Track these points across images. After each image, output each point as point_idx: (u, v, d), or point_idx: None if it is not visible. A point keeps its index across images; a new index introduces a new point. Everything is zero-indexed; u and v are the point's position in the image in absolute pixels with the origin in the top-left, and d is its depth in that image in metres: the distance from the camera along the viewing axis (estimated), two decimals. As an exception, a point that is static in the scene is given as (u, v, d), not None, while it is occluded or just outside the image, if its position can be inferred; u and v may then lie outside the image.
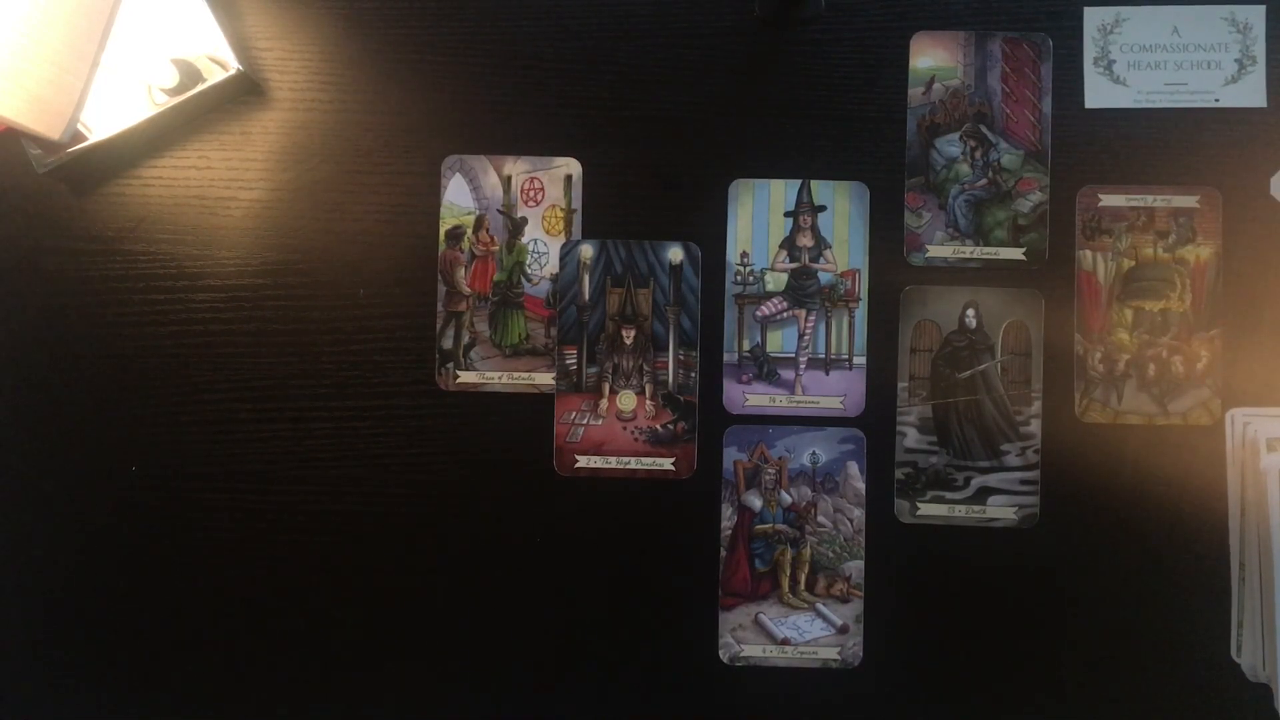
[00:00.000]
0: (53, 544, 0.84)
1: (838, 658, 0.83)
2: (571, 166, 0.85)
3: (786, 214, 0.84)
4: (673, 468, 0.84)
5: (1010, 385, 0.83)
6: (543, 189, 0.85)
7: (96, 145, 0.81)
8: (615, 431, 0.84)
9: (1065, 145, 0.84)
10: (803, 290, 0.84)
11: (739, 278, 0.84)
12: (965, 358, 0.83)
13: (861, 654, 0.83)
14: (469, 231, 0.85)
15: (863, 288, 0.84)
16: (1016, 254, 0.84)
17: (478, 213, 0.85)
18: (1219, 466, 0.82)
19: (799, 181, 0.84)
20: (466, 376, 0.84)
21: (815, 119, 0.84)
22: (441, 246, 0.85)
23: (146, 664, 0.84)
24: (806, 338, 0.84)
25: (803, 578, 0.83)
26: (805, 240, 0.84)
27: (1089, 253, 0.83)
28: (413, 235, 0.85)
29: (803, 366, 0.84)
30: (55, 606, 0.84)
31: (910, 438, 0.83)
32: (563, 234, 0.85)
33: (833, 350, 0.84)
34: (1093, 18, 0.84)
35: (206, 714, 0.84)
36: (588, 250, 0.85)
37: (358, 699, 0.84)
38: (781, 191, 0.84)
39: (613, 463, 0.84)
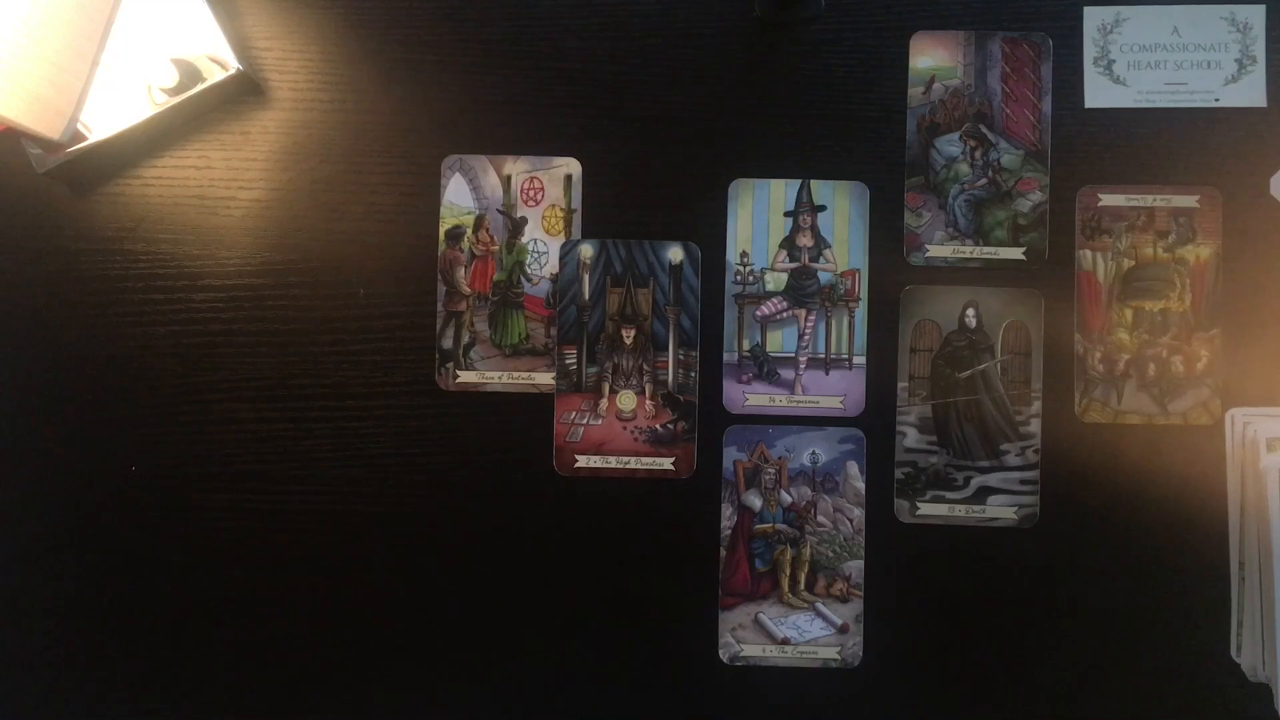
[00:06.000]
0: (52, 544, 0.84)
1: (838, 658, 0.83)
2: (571, 166, 0.85)
3: (786, 214, 0.84)
4: (673, 467, 0.84)
5: (1010, 385, 0.83)
6: (543, 189, 0.85)
7: (96, 145, 0.81)
8: (615, 431, 0.84)
9: (1065, 145, 0.84)
10: (803, 290, 0.84)
11: (739, 278, 0.84)
12: (965, 357, 0.83)
13: (861, 654, 0.83)
14: (469, 231, 0.85)
15: (863, 288, 0.84)
16: (1016, 254, 0.84)
17: (478, 213, 0.85)
18: (1219, 466, 0.82)
19: (799, 181, 0.84)
20: (466, 376, 0.84)
21: (815, 119, 0.84)
22: (441, 246, 0.85)
23: (146, 664, 0.84)
24: (806, 338, 0.84)
25: (803, 577, 0.83)
26: (805, 240, 0.84)
27: (1089, 252, 0.83)
28: (413, 235, 0.85)
29: (803, 366, 0.84)
30: (55, 606, 0.84)
31: (910, 437, 0.83)
32: (563, 234, 0.85)
33: (833, 350, 0.84)
34: (1093, 17, 0.84)
35: (206, 714, 0.84)
36: (588, 250, 0.85)
37: (358, 699, 0.84)
38: (781, 191, 0.84)
39: (613, 463, 0.84)
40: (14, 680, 0.84)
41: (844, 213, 0.84)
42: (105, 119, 0.81)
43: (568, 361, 0.84)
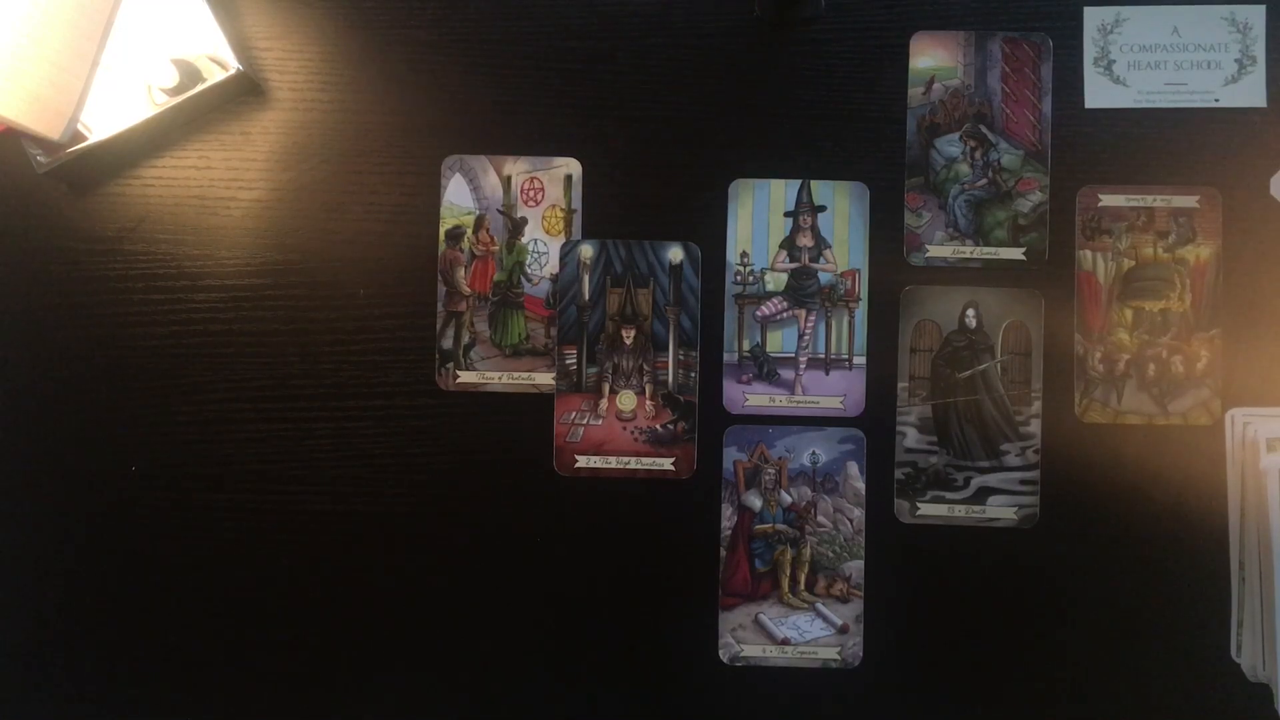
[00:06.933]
0: (53, 544, 0.84)
1: (838, 658, 0.83)
2: (571, 166, 0.85)
3: (786, 214, 0.84)
4: (673, 468, 0.84)
5: (1010, 385, 0.83)
6: (543, 189, 0.85)
7: (96, 145, 0.81)
8: (615, 431, 0.84)
9: (1065, 145, 0.84)
10: (803, 290, 0.84)
11: (739, 278, 0.84)
12: (965, 358, 0.83)
13: (861, 654, 0.83)
14: (469, 231, 0.85)
15: (863, 288, 0.84)
16: (1016, 254, 0.84)
17: (478, 213, 0.85)
18: (1219, 466, 0.82)
19: (799, 181, 0.84)
20: (466, 376, 0.84)
21: (815, 119, 0.84)
22: (441, 246, 0.85)
23: (146, 664, 0.84)
24: (806, 338, 0.84)
25: (803, 578, 0.83)
26: (805, 240, 0.85)
27: (1089, 253, 0.83)
28: (413, 235, 0.85)
29: (803, 366, 0.84)
30: (55, 606, 0.84)
31: (910, 438, 0.83)
32: (563, 234, 0.85)
33: (833, 350, 0.84)
34: (1093, 18, 0.84)
35: (206, 714, 0.84)
36: (588, 250, 0.85)
37: (357, 699, 0.84)
38: (781, 191, 0.84)
39: (613, 463, 0.84)
40: (14, 680, 0.84)
41: (844, 213, 0.84)
42: (105, 119, 0.81)
43: (568, 361, 0.84)
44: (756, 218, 0.84)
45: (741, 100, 0.85)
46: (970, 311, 0.83)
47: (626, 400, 0.84)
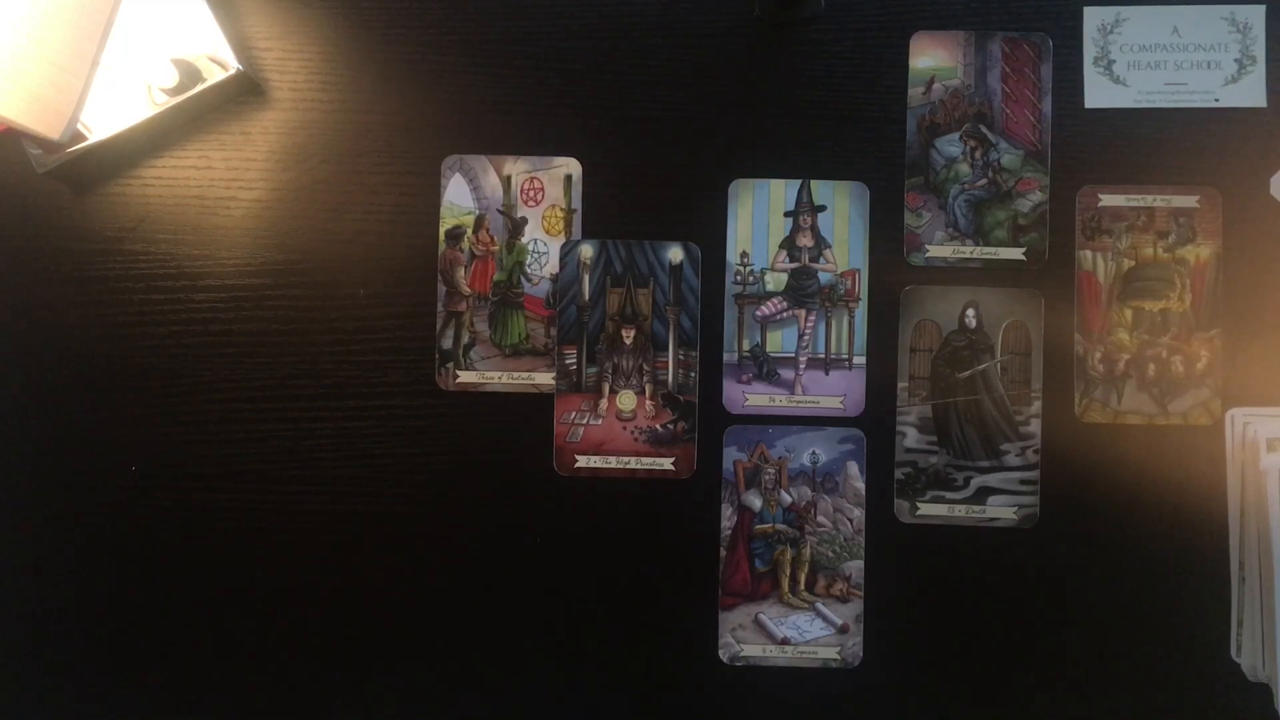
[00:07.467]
0: (52, 544, 0.84)
1: (838, 658, 0.83)
2: (571, 166, 0.85)
3: (786, 214, 0.84)
4: (673, 468, 0.84)
5: (1010, 385, 0.83)
6: (543, 189, 0.85)
7: (96, 145, 0.81)
8: (615, 431, 0.84)
9: (1065, 145, 0.84)
10: (803, 290, 0.84)
11: (739, 278, 0.84)
12: (965, 358, 0.83)
13: (861, 654, 0.83)
14: (469, 231, 0.85)
15: (863, 288, 0.84)
16: (1016, 254, 0.84)
17: (478, 213, 0.85)
18: (1219, 466, 0.82)
19: (799, 181, 0.84)
20: (466, 376, 0.84)
21: (815, 119, 0.84)
22: (441, 246, 0.85)
23: (146, 664, 0.84)
24: (806, 338, 0.84)
25: (802, 578, 0.83)
26: (805, 240, 0.85)
27: (1089, 253, 0.83)
28: (413, 235, 0.85)
29: (803, 366, 0.84)
30: (55, 606, 0.84)
31: (910, 438, 0.83)
32: (563, 234, 0.85)
33: (833, 350, 0.84)
34: (1093, 18, 0.84)
35: (206, 714, 0.84)
36: (588, 250, 0.85)
37: (357, 699, 0.84)
38: (781, 191, 0.84)
39: (613, 463, 0.84)
40: (12, 680, 0.84)
41: (844, 213, 0.84)
42: (105, 119, 0.81)
43: (568, 361, 0.84)
44: (756, 218, 0.84)
45: (741, 100, 0.85)
46: (970, 311, 0.83)
47: (626, 400, 0.84)
